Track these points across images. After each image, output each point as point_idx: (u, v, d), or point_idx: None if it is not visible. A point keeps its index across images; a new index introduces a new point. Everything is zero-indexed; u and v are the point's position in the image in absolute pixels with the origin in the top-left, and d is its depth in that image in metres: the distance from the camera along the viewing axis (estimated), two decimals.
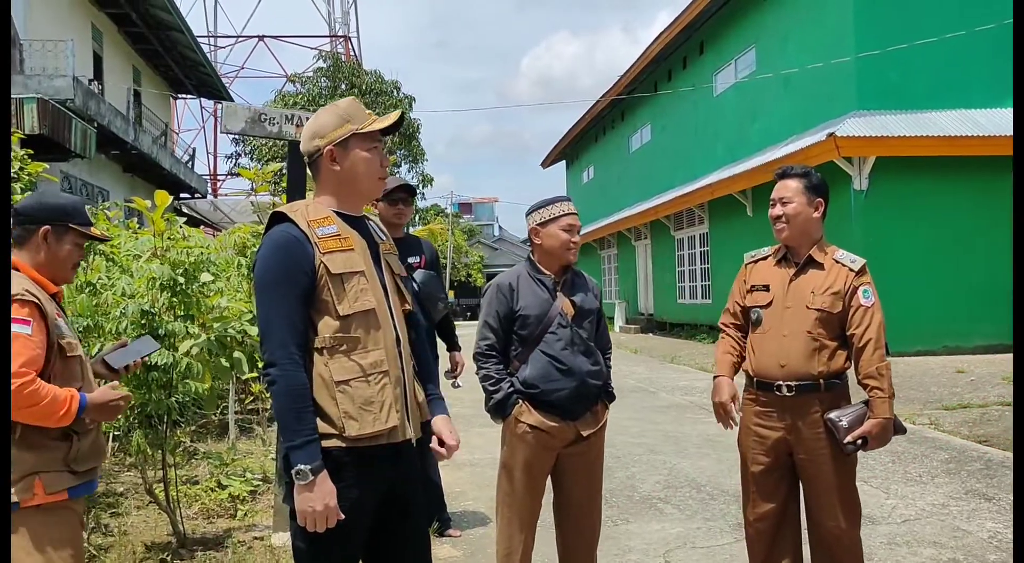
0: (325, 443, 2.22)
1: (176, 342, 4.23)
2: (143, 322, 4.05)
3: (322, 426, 2.23)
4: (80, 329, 4.68)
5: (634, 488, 5.70)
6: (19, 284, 2.52)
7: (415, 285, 4.56)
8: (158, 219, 5.52)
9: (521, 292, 3.46)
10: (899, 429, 3.14)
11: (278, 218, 2.35)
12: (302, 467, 2.14)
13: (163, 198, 5.64)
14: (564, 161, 39.47)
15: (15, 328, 2.43)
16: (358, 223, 2.42)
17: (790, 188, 3.25)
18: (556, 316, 3.40)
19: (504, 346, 3.48)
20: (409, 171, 30.72)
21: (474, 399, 8.47)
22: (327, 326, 2.26)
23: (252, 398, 7.91)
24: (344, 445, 2.23)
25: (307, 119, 4.25)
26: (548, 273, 3.47)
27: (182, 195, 24.15)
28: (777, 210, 3.27)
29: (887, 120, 13.71)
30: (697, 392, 10.61)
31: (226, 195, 35.89)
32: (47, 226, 2.66)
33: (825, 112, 14.97)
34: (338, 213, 2.38)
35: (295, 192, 4.24)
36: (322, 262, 2.26)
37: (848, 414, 3.09)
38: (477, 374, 3.50)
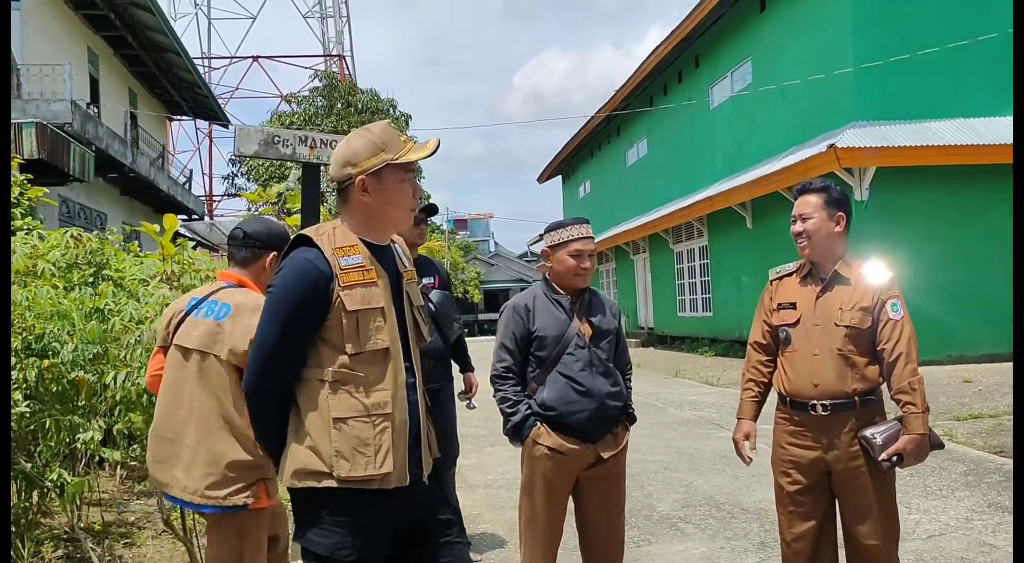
0: (315, 483, 2.16)
1: None
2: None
3: (313, 462, 2.17)
4: (90, 356, 4.63)
5: (652, 508, 5.63)
6: (259, 298, 2.81)
7: (432, 305, 4.51)
8: (167, 243, 5.48)
9: (538, 313, 3.42)
10: (936, 444, 3.09)
11: (302, 241, 2.29)
12: None
13: (171, 222, 5.61)
14: (560, 176, 39.52)
15: None
16: (383, 251, 2.35)
17: (810, 204, 3.21)
18: (573, 337, 3.36)
19: (521, 368, 3.44)
20: None
21: (485, 419, 8.46)
22: (335, 360, 2.20)
23: None
24: (335, 485, 2.16)
25: (321, 141, 4.22)
26: (564, 294, 3.43)
27: (179, 217, 24.09)
28: (798, 226, 3.22)
29: (886, 130, 13.74)
30: (705, 407, 10.55)
31: (222, 216, 35.89)
32: (274, 252, 3.02)
33: (824, 123, 14.99)
34: (364, 241, 2.31)
35: (309, 215, 4.19)
36: (340, 297, 2.19)
37: (882, 431, 3.05)
38: (494, 396, 3.46)
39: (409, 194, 2.33)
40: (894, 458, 3.00)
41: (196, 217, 24.20)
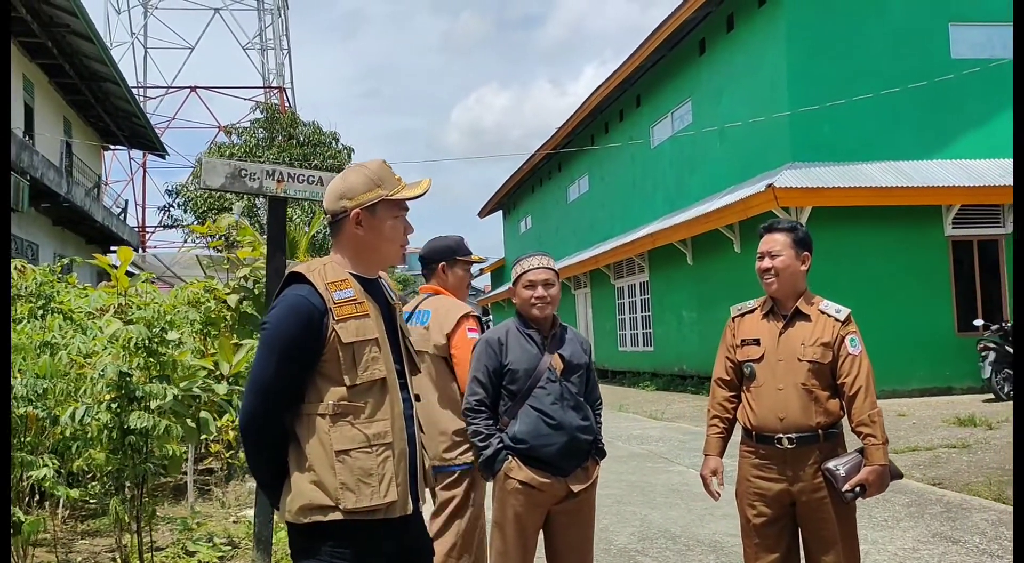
0: (321, 517, 2.17)
1: (150, 404, 4.09)
2: (120, 384, 3.90)
3: (319, 497, 2.18)
4: (39, 391, 4.51)
5: (609, 541, 5.67)
6: (460, 305, 3.73)
7: None
8: (122, 276, 5.39)
9: (510, 347, 3.45)
10: (896, 474, 3.22)
11: (295, 277, 2.31)
12: None
13: (126, 254, 5.53)
14: (501, 211, 39.79)
15: (472, 335, 3.62)
16: (373, 285, 2.39)
17: (779, 242, 3.32)
18: (545, 371, 3.40)
19: (493, 401, 3.46)
20: None
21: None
22: (333, 393, 2.22)
23: (211, 457, 7.66)
24: (341, 518, 2.17)
25: (289, 175, 4.23)
26: (536, 328, 3.48)
27: (112, 248, 23.56)
28: (766, 263, 3.32)
29: (821, 172, 14.23)
30: (652, 441, 10.66)
31: (155, 247, 35.16)
32: (443, 262, 3.83)
33: (762, 164, 15.46)
34: (354, 275, 2.34)
35: (276, 249, 4.18)
36: (334, 331, 2.22)
37: (844, 462, 3.15)
38: (467, 430, 3.47)
39: (401, 230, 2.38)
40: (857, 489, 3.11)
41: (131, 248, 23.65)
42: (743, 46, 16.41)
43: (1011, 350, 12.60)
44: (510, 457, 3.34)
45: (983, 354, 12.56)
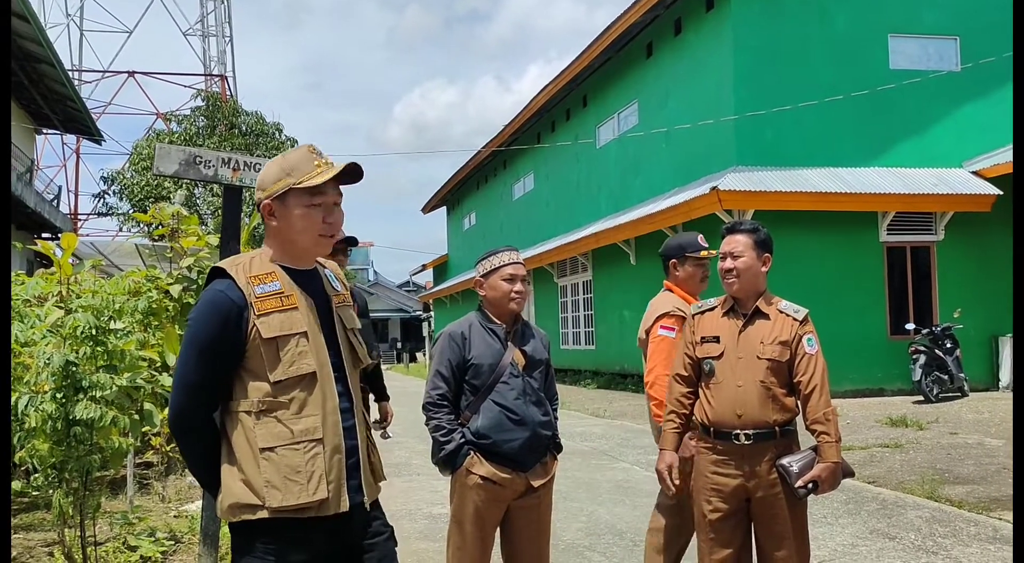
0: (250, 515, 2.14)
1: (96, 394, 3.97)
2: (66, 374, 3.78)
3: (247, 495, 2.14)
4: None
5: (557, 537, 5.69)
6: (671, 302, 3.85)
7: None
8: (65, 264, 5.22)
9: (473, 341, 3.45)
10: (848, 472, 3.29)
11: (217, 273, 2.27)
12: None
13: (70, 241, 5.36)
14: (445, 207, 39.66)
15: (662, 332, 3.75)
16: (307, 276, 2.33)
17: (740, 242, 3.38)
18: (508, 366, 3.40)
19: (456, 396, 3.45)
20: None
21: (380, 450, 8.33)
22: (257, 390, 2.17)
23: (151, 450, 7.48)
24: (268, 516, 2.12)
25: (245, 164, 4.15)
26: (499, 323, 3.48)
27: (43, 235, 22.85)
28: (728, 263, 3.38)
29: (763, 176, 14.51)
30: (595, 438, 10.75)
31: (87, 235, 34.15)
32: (674, 259, 3.97)
33: (705, 167, 15.70)
34: (285, 267, 2.28)
35: (230, 238, 4.10)
36: (255, 326, 2.17)
37: (798, 459, 3.22)
38: (427, 424, 3.45)
39: (315, 220, 2.26)
40: (810, 485, 3.18)
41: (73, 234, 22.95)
42: (690, 50, 16.64)
43: (940, 354, 13.04)
44: (472, 452, 3.33)
45: (914, 357, 12.97)
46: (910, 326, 13.93)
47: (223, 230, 4.12)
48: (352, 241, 4.56)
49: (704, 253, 3.96)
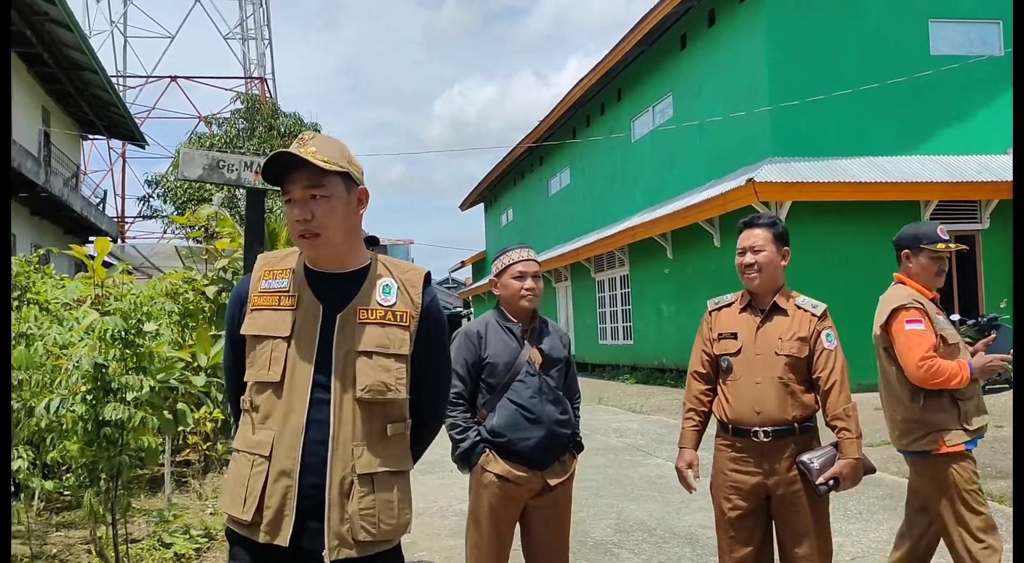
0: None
1: (126, 395, 4.07)
2: (96, 376, 3.87)
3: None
4: (15, 382, 4.48)
5: (586, 533, 5.70)
6: (908, 294, 3.61)
7: None
8: (99, 267, 5.35)
9: (489, 340, 3.46)
10: (869, 468, 3.26)
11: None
12: None
13: (103, 245, 5.49)
14: (483, 204, 39.74)
15: (911, 327, 3.51)
16: (338, 281, 2.11)
17: (760, 237, 3.34)
18: (524, 364, 3.40)
19: (471, 394, 3.47)
20: None
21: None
22: (247, 387, 2.12)
23: (189, 449, 7.63)
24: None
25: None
26: (516, 321, 3.48)
27: (90, 239, 23.33)
28: (748, 258, 3.33)
29: (800, 167, 14.31)
30: (631, 434, 10.71)
31: (134, 238, 34.87)
32: (907, 249, 3.72)
33: (741, 158, 15.53)
34: (310, 269, 2.12)
35: (254, 239, 4.16)
36: (244, 321, 2.11)
37: (819, 456, 3.19)
38: (444, 422, 3.47)
39: (289, 219, 2.09)
40: (831, 482, 3.14)
41: (110, 239, 23.45)
42: (724, 41, 16.46)
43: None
44: (487, 450, 3.35)
45: None
46: (955, 317, 13.55)
47: (246, 232, 4.18)
48: (373, 240, 4.59)
49: (941, 246, 3.64)
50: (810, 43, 14.81)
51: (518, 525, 3.48)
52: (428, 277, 2.24)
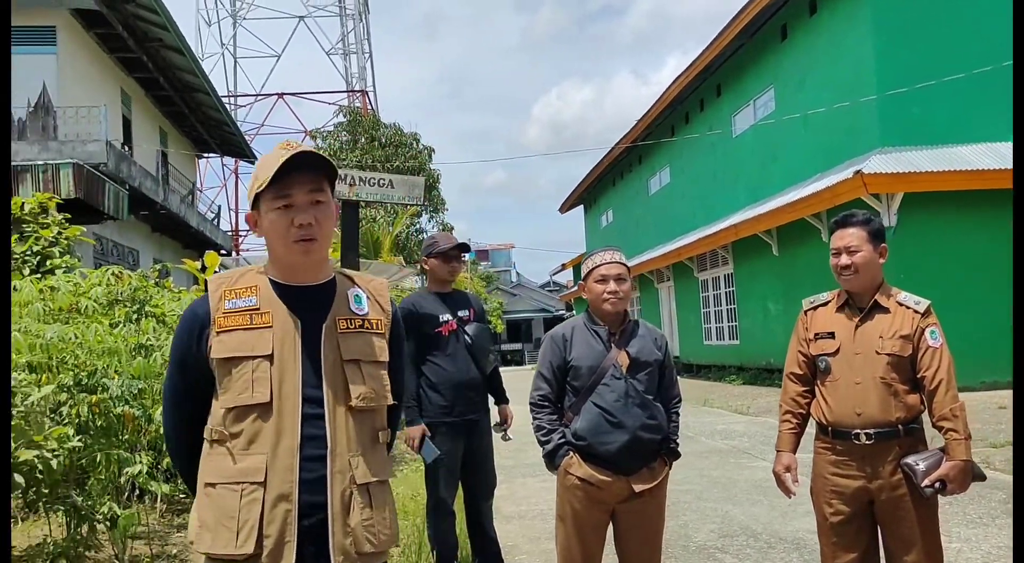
0: (196, 550, 1.96)
1: None
2: None
3: (193, 530, 1.97)
4: (135, 391, 4.73)
5: (688, 537, 5.62)
6: None
7: (468, 338, 4.60)
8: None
9: (575, 343, 3.45)
10: (978, 476, 3.09)
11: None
12: None
13: (213, 259, 5.74)
14: (582, 205, 39.67)
15: None
16: (308, 293, 2.04)
17: (856, 237, 3.21)
18: (609, 367, 3.35)
19: (558, 397, 3.47)
20: (430, 221, 31.02)
21: (515, 450, 8.46)
22: (215, 415, 1.98)
23: None
24: (203, 559, 1.94)
25: (360, 179, 4.33)
26: (603, 324, 3.45)
27: (207, 252, 24.38)
28: (844, 260, 3.21)
29: (912, 156, 13.73)
30: (736, 436, 10.49)
31: (248, 251, 36.29)
32: None
33: (848, 150, 15.01)
34: (276, 282, 2.03)
35: (348, 249, 4.29)
36: (211, 344, 1.96)
37: (924, 458, 3.06)
38: (532, 424, 3.49)
39: (283, 225, 1.97)
40: (937, 484, 3.01)
41: (224, 252, 24.51)
42: (826, 29, 15.95)
43: None
44: (571, 453, 3.34)
45: None
46: None
47: (342, 242, 4.31)
48: (464, 247, 4.66)
49: None
50: (918, 26, 14.19)
51: (612, 527, 3.46)
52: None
